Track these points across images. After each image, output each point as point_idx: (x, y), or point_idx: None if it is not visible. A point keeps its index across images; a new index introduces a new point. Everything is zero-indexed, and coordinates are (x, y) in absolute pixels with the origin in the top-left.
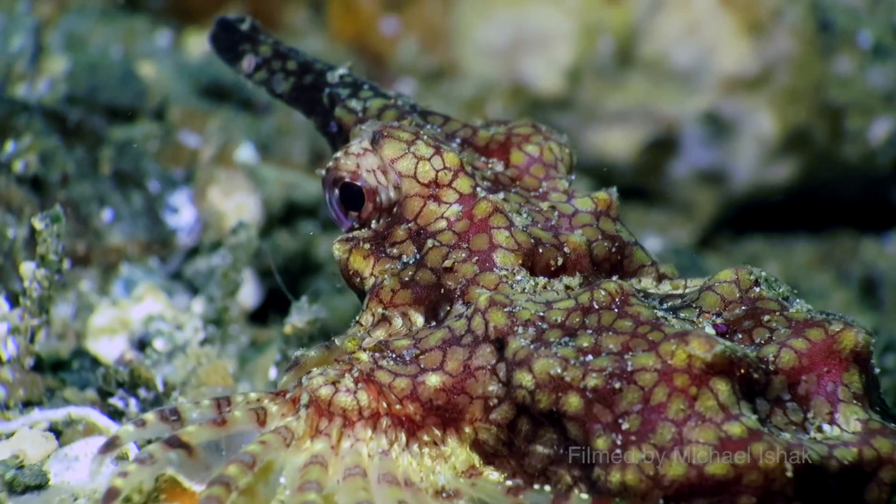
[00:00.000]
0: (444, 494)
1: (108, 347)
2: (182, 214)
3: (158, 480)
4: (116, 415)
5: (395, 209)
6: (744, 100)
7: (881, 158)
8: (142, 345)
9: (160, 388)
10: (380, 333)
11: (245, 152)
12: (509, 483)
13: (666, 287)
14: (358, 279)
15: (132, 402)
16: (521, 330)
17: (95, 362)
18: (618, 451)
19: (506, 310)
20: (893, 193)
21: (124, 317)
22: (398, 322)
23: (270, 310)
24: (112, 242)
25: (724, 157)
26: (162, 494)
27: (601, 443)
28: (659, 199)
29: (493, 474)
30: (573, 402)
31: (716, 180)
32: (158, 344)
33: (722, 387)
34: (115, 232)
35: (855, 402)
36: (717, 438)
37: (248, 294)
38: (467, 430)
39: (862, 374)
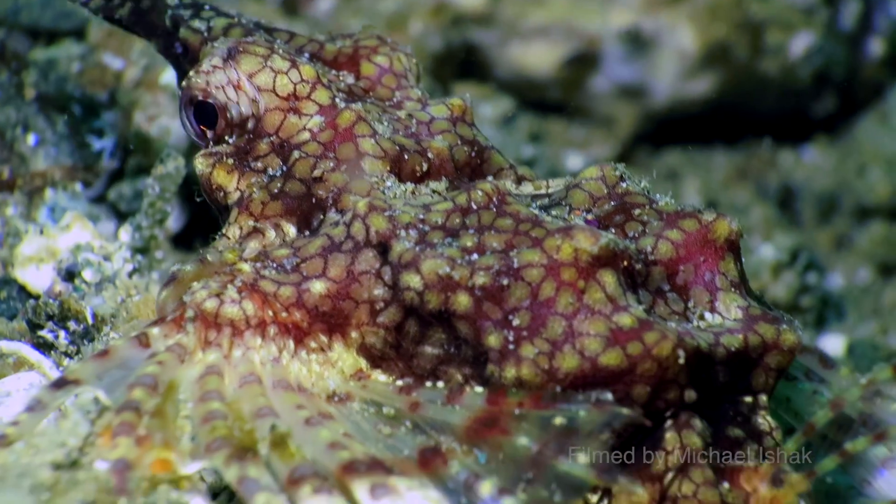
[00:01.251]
0: (335, 398)
1: (36, 276)
2: (106, 138)
3: (95, 424)
4: (46, 347)
5: (251, 124)
6: (664, 16)
7: (800, 72)
8: (70, 275)
9: (90, 320)
10: (253, 245)
11: (169, 76)
12: (400, 382)
13: (528, 188)
14: (221, 193)
15: (62, 334)
16: (403, 233)
17: (23, 290)
18: (510, 346)
19: (386, 214)
20: (811, 106)
21: (52, 246)
22: (271, 233)
23: (194, 234)
24: (37, 167)
25: (644, 72)
26: (98, 440)
27: (493, 340)
28: (579, 115)
29: (381, 377)
30: (462, 301)
31: (636, 95)
32: (87, 275)
33: (609, 279)
34: (39, 157)
35: (733, 289)
36: (607, 330)
37: (172, 218)
38: (354, 334)
39: (737, 262)
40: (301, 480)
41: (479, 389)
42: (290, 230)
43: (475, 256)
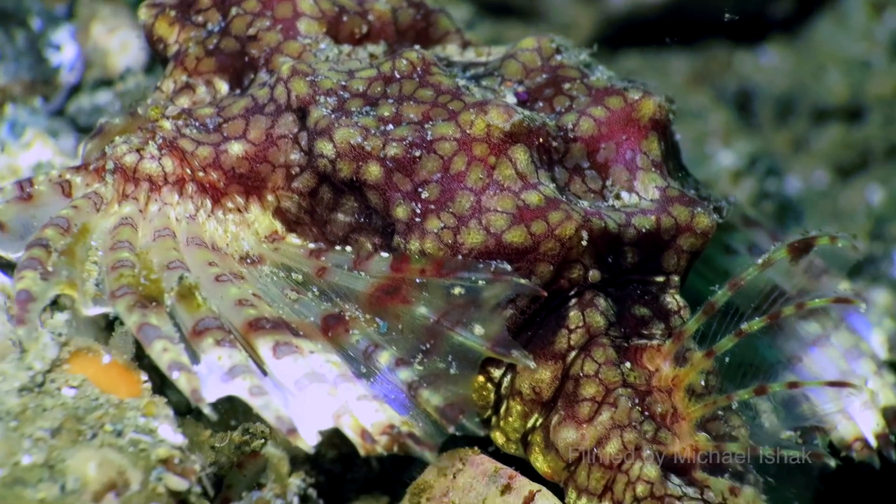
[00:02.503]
0: (248, 260)
1: None
2: (65, 52)
3: (62, 350)
4: (9, 268)
5: None
6: None
7: None
8: None
9: None
10: (183, 101)
11: None
12: (312, 246)
13: (470, 54)
14: (161, 45)
15: None
16: (322, 99)
17: None
18: (417, 219)
19: (308, 79)
20: (768, 6)
21: (13, 164)
22: (202, 90)
23: None
24: None
25: None
26: (65, 365)
27: (401, 211)
28: (538, 20)
29: (294, 240)
30: (373, 171)
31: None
32: None
33: (520, 156)
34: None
35: (654, 169)
36: (514, 207)
37: None
38: (270, 198)
39: (661, 142)
40: (205, 332)
41: (384, 255)
42: (223, 88)
43: (390, 127)
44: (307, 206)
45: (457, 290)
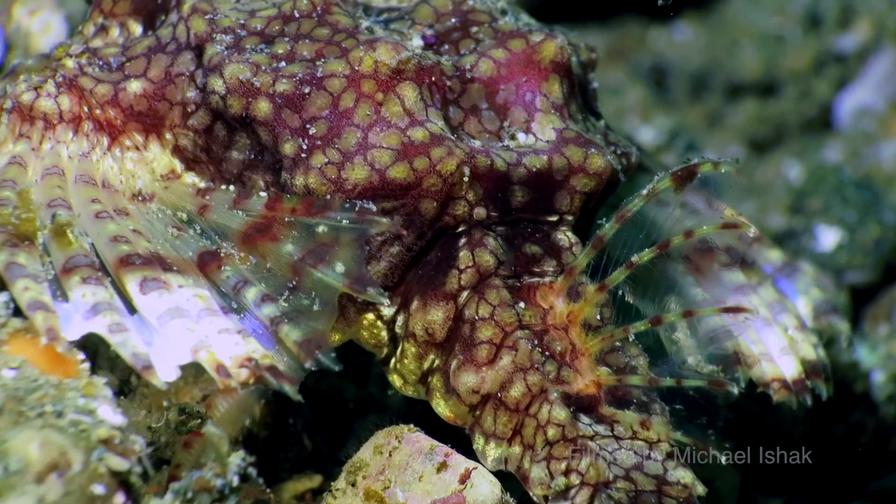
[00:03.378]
0: (140, 198)
1: None
2: None
3: (1, 331)
4: None
5: None
6: None
7: None
8: None
9: None
10: (97, 42)
11: None
12: (202, 185)
13: (394, 0)
14: None
15: None
16: (219, 37)
17: None
18: (303, 155)
19: (207, 17)
20: None
21: None
22: (115, 31)
23: None
24: None
25: None
26: (5, 346)
27: (288, 147)
28: None
29: (189, 179)
30: (262, 107)
31: None
32: None
33: (409, 93)
34: None
35: (553, 111)
36: (400, 143)
37: None
38: (168, 136)
39: (563, 85)
40: (73, 270)
41: (262, 194)
42: (137, 30)
43: (283, 64)
44: (203, 143)
45: (321, 229)
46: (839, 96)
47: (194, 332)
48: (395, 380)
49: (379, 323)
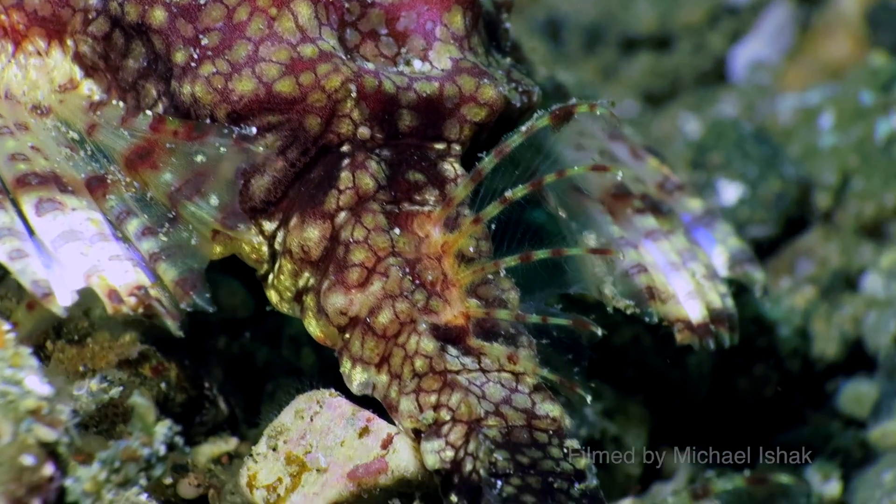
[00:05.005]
0: (38, 111)
1: None
2: None
3: None
4: None
5: None
6: None
7: None
8: None
9: None
10: None
11: None
12: (96, 98)
13: None
14: None
15: None
16: None
17: None
18: (193, 64)
19: None
20: None
21: None
22: None
23: None
24: None
25: None
26: None
27: (179, 56)
28: None
29: (89, 88)
30: (158, 15)
31: None
32: None
33: (303, 10)
34: None
35: (452, 41)
36: (289, 58)
37: None
38: (69, 42)
39: (465, 17)
40: None
41: (148, 113)
42: None
43: None
44: (101, 51)
45: (199, 158)
46: (733, 49)
47: (87, 257)
48: (272, 296)
49: (260, 237)
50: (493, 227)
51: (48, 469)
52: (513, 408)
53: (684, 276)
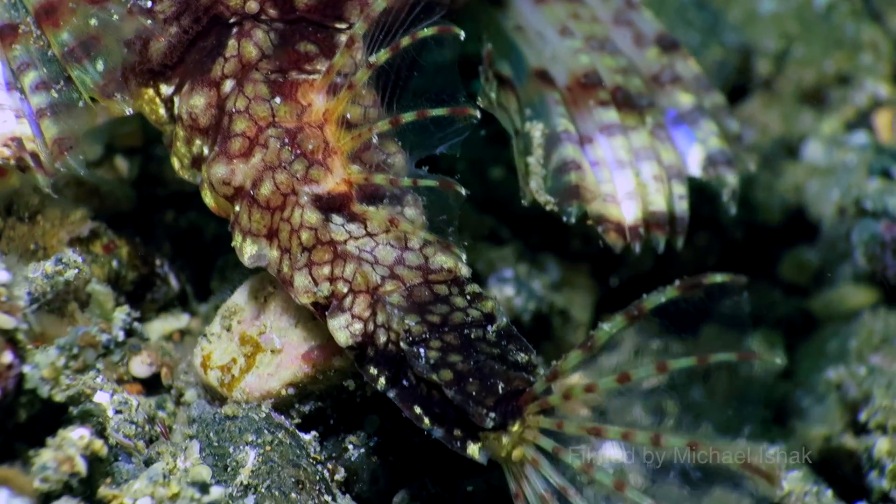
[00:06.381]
0: None
1: None
2: None
3: None
4: None
5: None
6: None
7: None
8: None
9: None
10: None
11: None
12: None
13: None
14: None
15: None
16: None
17: None
18: None
19: None
20: None
21: None
22: None
23: None
24: None
25: None
26: None
27: None
28: None
29: None
30: None
31: None
32: None
33: None
34: None
35: None
36: None
37: None
38: None
39: None
40: None
41: None
42: None
43: None
44: None
45: (93, 21)
46: None
47: None
48: (174, 162)
49: (157, 100)
50: (395, 93)
51: (6, 356)
52: (407, 267)
53: (627, 176)
